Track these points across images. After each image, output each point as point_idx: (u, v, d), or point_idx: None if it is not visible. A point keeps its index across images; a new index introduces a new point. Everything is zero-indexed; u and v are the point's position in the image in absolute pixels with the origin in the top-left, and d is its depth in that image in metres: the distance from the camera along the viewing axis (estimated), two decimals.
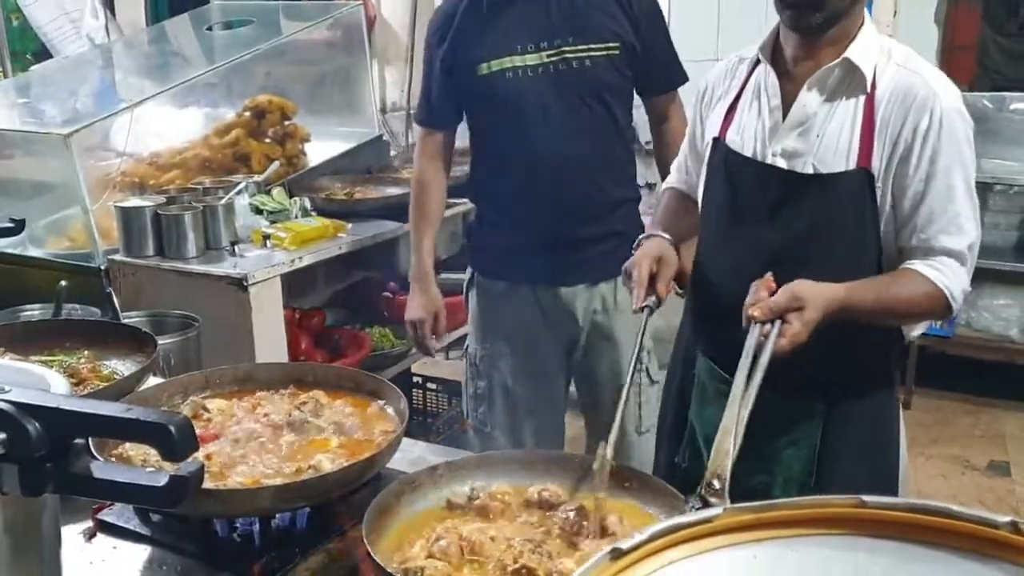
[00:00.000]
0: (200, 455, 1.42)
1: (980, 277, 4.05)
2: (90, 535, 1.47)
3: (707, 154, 1.90)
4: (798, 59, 1.76)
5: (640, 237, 1.93)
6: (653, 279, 1.79)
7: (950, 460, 3.87)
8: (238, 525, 1.47)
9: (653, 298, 1.78)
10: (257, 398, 1.67)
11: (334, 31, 3.90)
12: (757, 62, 1.83)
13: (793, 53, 1.77)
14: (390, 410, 1.63)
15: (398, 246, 3.48)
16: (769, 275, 1.63)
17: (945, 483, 3.70)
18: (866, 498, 0.71)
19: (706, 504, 1.28)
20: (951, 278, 1.67)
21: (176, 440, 1.00)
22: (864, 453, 1.81)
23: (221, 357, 2.28)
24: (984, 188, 4.30)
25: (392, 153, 4.20)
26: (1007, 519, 0.67)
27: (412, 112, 5.80)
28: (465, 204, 3.19)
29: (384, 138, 4.04)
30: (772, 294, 1.59)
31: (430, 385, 3.97)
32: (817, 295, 1.57)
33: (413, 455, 1.71)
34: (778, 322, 1.55)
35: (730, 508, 0.72)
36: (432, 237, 2.69)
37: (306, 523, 1.48)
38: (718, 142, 1.87)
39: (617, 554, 0.68)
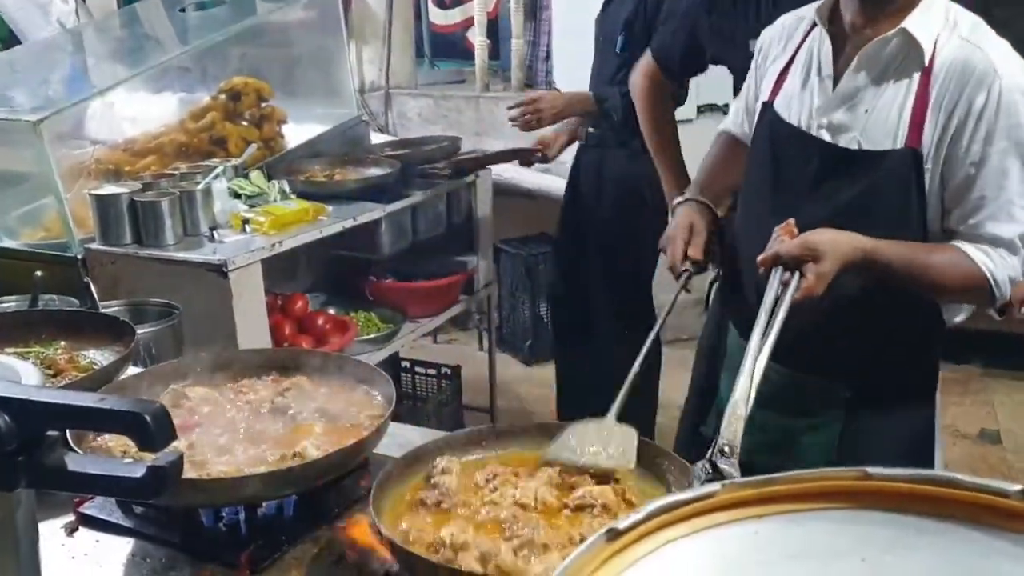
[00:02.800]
0: (181, 444, 1.39)
1: None
2: (71, 529, 1.44)
3: (756, 116, 1.85)
4: (856, 26, 1.66)
5: (675, 202, 1.90)
6: (686, 250, 1.78)
7: (942, 429, 3.85)
8: (224, 515, 1.44)
9: (689, 263, 1.77)
10: (240, 385, 1.64)
11: (309, 11, 3.84)
12: (813, 25, 1.75)
13: (852, 19, 1.67)
14: (377, 395, 1.60)
15: (380, 228, 3.44)
16: (792, 221, 1.57)
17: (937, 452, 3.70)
18: (870, 470, 0.68)
19: (716, 470, 1.26)
20: (997, 263, 1.59)
21: (152, 429, 0.96)
22: (892, 449, 1.74)
23: (203, 345, 2.24)
24: None
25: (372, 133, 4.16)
26: (1017, 487, 0.64)
27: (391, 91, 5.76)
28: None
29: (363, 118, 3.99)
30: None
31: (418, 369, 3.94)
32: (837, 245, 1.51)
33: (402, 440, 1.67)
34: (796, 275, 1.51)
35: (729, 484, 0.69)
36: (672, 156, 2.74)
37: (293, 511, 1.45)
38: (767, 107, 1.80)
39: (613, 534, 0.65)
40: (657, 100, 2.72)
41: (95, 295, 2.37)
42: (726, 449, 1.27)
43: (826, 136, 1.69)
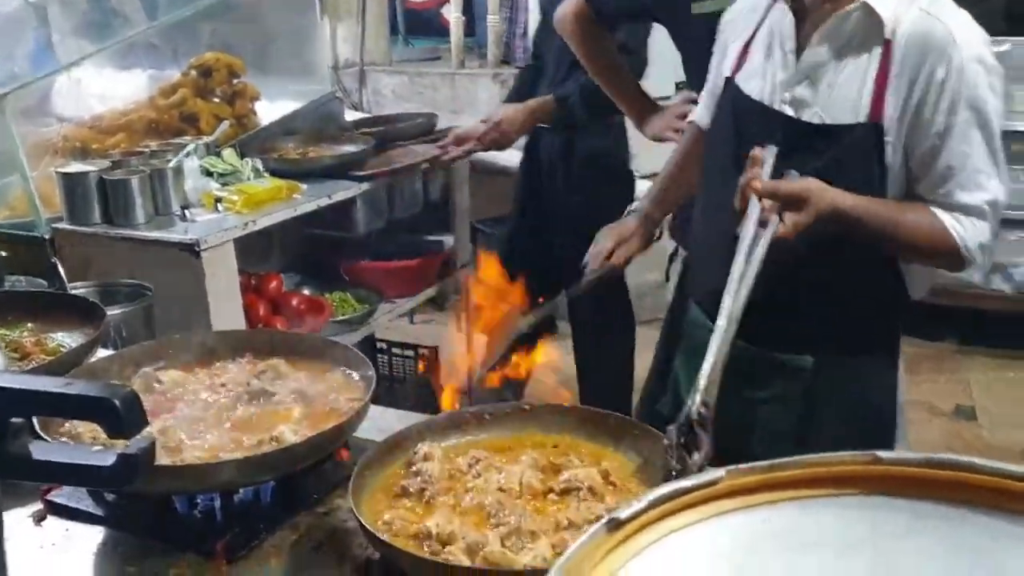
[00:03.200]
0: (154, 429, 1.34)
1: None
2: (40, 518, 1.39)
3: (719, 92, 1.84)
4: (818, 1, 1.65)
5: (629, 208, 1.88)
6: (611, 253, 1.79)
7: (917, 406, 3.87)
8: (199, 501, 1.40)
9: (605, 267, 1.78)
10: (214, 368, 1.59)
11: None
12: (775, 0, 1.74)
13: None
14: (355, 377, 1.56)
15: (355, 206, 3.38)
16: (771, 145, 1.58)
17: (913, 429, 3.69)
18: (880, 454, 0.65)
19: (690, 432, 1.24)
20: (968, 229, 1.60)
21: (122, 415, 0.92)
22: (854, 419, 1.74)
23: (175, 327, 2.19)
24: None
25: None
26: None
27: (365, 67, 5.69)
28: None
29: (337, 95, 3.92)
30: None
31: (395, 350, 3.89)
32: (822, 197, 1.52)
33: (382, 423, 1.63)
34: (776, 218, 1.50)
35: (733, 470, 0.66)
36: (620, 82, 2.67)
37: (271, 497, 1.41)
38: (730, 81, 1.80)
39: (615, 525, 0.62)
40: (588, 36, 2.61)
41: (63, 276, 2.31)
42: (703, 411, 1.26)
43: (789, 111, 1.69)
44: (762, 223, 1.51)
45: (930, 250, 1.66)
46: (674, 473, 1.20)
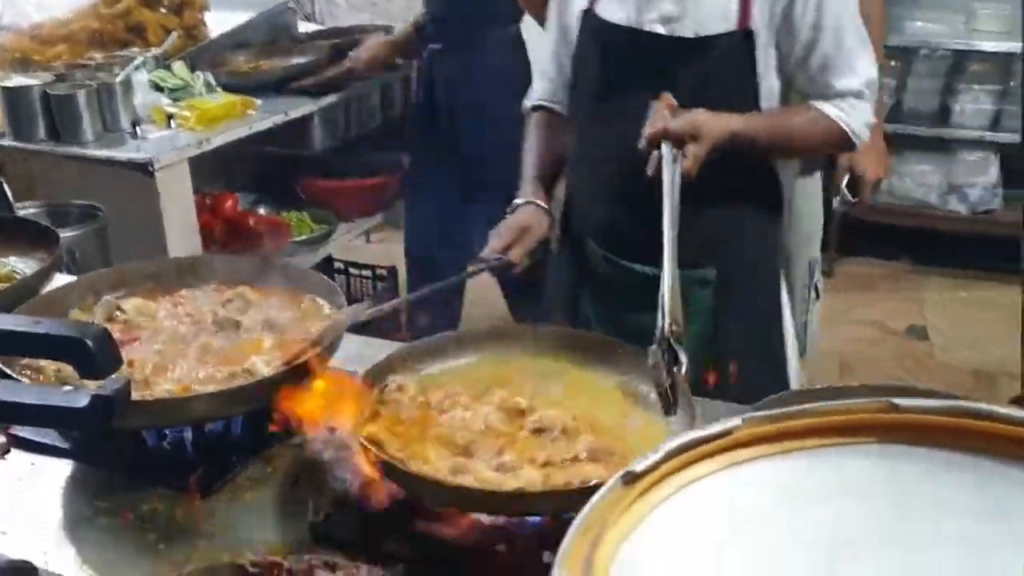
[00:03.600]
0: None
1: (901, 143, 4.10)
2: (3, 452, 1.34)
3: (576, 31, 1.80)
4: None
5: (514, 203, 1.81)
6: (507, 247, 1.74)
7: (870, 325, 3.94)
8: (167, 434, 1.36)
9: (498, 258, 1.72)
10: (178, 296, 1.54)
11: None
12: None
13: None
14: (325, 305, 1.52)
15: (312, 123, 3.28)
16: (668, 95, 1.59)
17: (866, 348, 3.78)
18: (899, 402, 0.64)
19: (671, 351, 1.24)
20: (851, 114, 1.68)
21: (95, 355, 0.88)
22: (753, 319, 1.83)
23: (130, 251, 2.12)
24: (906, 53, 4.26)
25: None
26: None
27: None
28: None
29: (289, 5, 3.77)
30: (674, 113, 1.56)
31: (352, 270, 3.83)
32: (711, 128, 1.55)
33: (350, 351, 1.60)
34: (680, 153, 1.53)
35: (749, 419, 0.64)
36: None
37: (242, 429, 1.37)
38: (588, 14, 1.76)
39: (631, 478, 0.60)
40: None
41: (9, 197, 2.21)
42: (674, 328, 1.26)
43: (659, 29, 1.68)
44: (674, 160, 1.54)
45: (823, 144, 1.79)
46: (667, 388, 1.20)
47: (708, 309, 1.77)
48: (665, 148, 1.54)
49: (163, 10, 3.30)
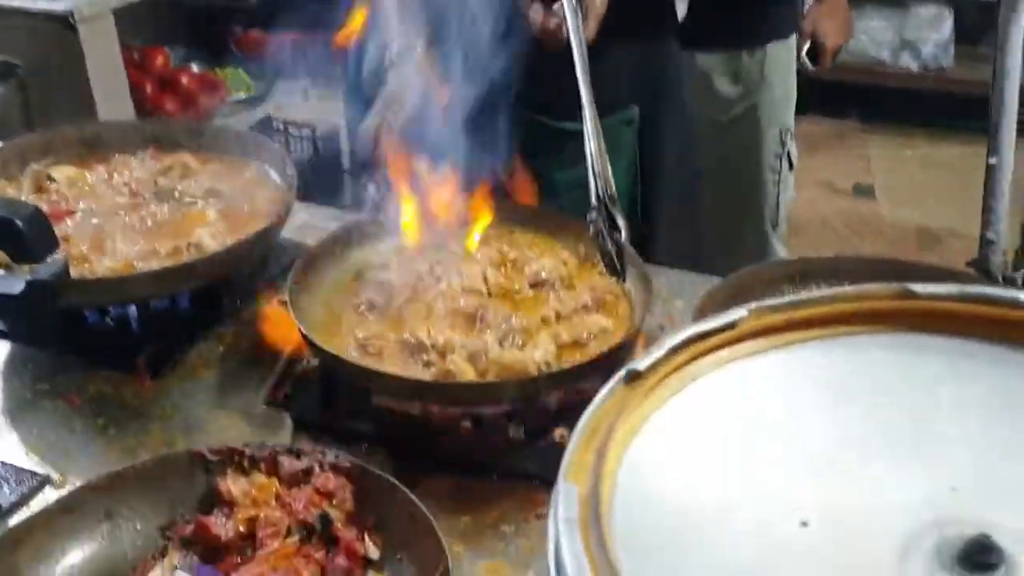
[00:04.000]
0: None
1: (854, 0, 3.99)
2: None
3: None
4: None
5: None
6: None
7: (817, 185, 3.93)
8: (110, 310, 1.29)
9: None
10: (113, 164, 1.43)
11: None
12: None
13: None
14: (273, 173, 1.43)
15: None
16: None
17: (813, 207, 3.78)
18: (914, 287, 0.59)
19: (607, 211, 1.19)
20: None
21: (27, 237, 0.81)
22: (679, 163, 1.76)
23: (53, 113, 1.98)
24: None
25: None
26: None
27: None
28: None
29: None
30: None
31: (292, 131, 3.67)
32: None
33: (298, 220, 1.52)
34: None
35: (755, 308, 0.60)
36: None
37: (189, 305, 1.31)
38: None
39: (633, 376, 0.56)
40: None
41: None
42: (610, 191, 1.21)
43: None
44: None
45: None
46: (613, 253, 1.15)
47: (630, 153, 1.69)
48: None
49: None
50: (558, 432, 1.09)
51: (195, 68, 3.16)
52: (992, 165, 1.66)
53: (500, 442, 1.09)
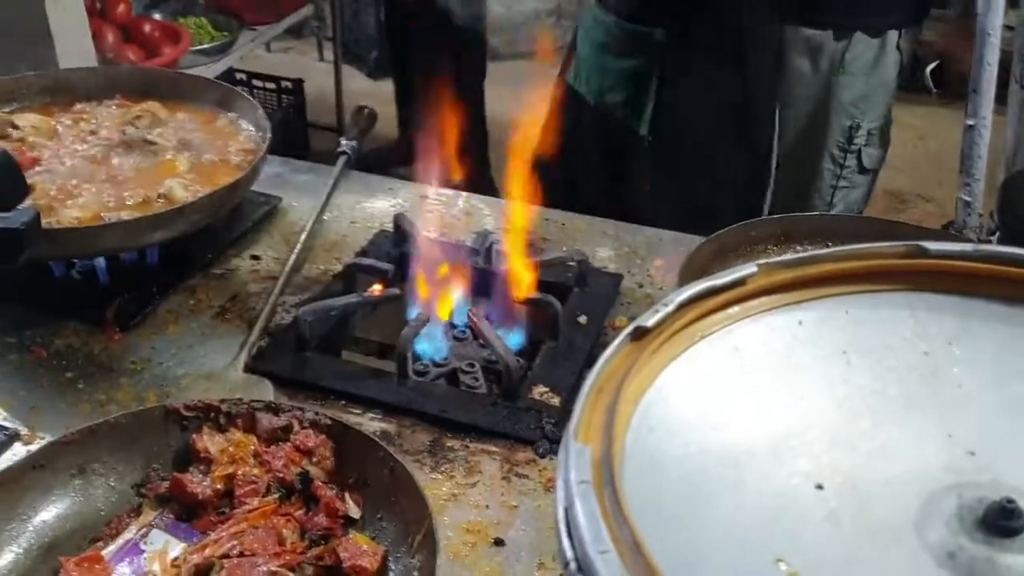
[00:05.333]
0: None
1: None
2: None
3: None
4: None
5: None
6: None
7: None
8: (76, 263, 1.25)
9: None
10: (79, 111, 1.38)
11: None
12: None
13: None
14: (244, 123, 1.39)
15: None
16: None
17: None
18: (927, 245, 0.58)
19: None
20: None
21: None
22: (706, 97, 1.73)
23: (11, 60, 1.90)
24: None
25: None
26: None
27: None
28: None
29: None
30: None
31: (256, 83, 3.60)
32: None
33: (269, 172, 1.49)
34: None
35: (764, 265, 0.58)
36: None
37: (159, 258, 1.27)
38: None
39: (640, 333, 0.54)
40: None
41: None
42: None
43: None
44: None
45: None
46: None
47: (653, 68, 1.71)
48: None
49: None
50: (537, 391, 1.08)
51: (158, 17, 3.07)
52: (971, 127, 1.66)
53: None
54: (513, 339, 1.17)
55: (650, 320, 0.54)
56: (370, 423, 1.05)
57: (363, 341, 1.29)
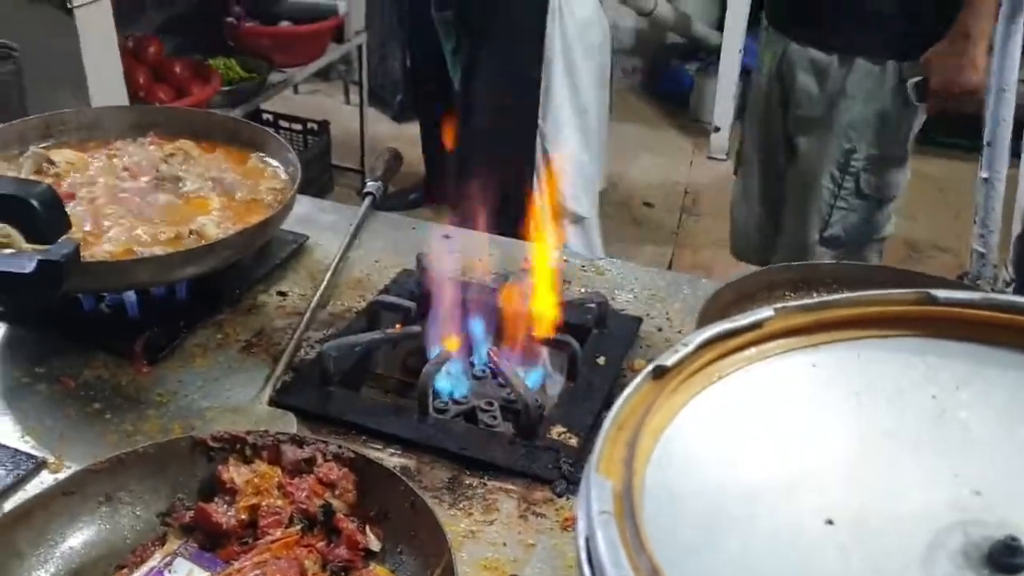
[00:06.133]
0: None
1: None
2: None
3: None
4: None
5: None
6: None
7: None
8: (106, 297, 1.28)
9: None
10: (113, 148, 1.42)
11: None
12: None
13: None
14: (275, 163, 1.42)
15: None
16: None
17: None
18: (937, 293, 0.60)
19: None
20: None
21: (41, 217, 0.80)
22: None
23: (46, 98, 1.96)
24: None
25: None
26: None
27: None
28: None
29: None
30: None
31: (282, 123, 3.67)
32: None
33: (297, 211, 1.52)
34: None
35: (781, 309, 0.60)
36: None
37: (187, 293, 1.30)
38: None
39: (660, 371, 0.56)
40: None
41: None
42: None
43: None
44: None
45: None
46: None
47: None
48: None
49: None
50: (556, 431, 1.10)
51: (188, 58, 3.14)
52: (985, 179, 1.68)
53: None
54: (532, 378, 1.19)
55: (670, 359, 0.56)
56: (390, 458, 1.07)
57: (383, 377, 1.31)
